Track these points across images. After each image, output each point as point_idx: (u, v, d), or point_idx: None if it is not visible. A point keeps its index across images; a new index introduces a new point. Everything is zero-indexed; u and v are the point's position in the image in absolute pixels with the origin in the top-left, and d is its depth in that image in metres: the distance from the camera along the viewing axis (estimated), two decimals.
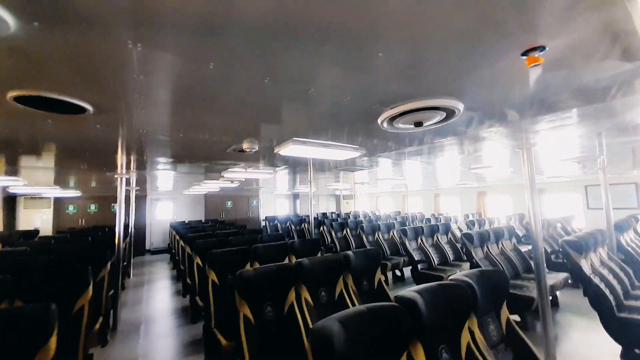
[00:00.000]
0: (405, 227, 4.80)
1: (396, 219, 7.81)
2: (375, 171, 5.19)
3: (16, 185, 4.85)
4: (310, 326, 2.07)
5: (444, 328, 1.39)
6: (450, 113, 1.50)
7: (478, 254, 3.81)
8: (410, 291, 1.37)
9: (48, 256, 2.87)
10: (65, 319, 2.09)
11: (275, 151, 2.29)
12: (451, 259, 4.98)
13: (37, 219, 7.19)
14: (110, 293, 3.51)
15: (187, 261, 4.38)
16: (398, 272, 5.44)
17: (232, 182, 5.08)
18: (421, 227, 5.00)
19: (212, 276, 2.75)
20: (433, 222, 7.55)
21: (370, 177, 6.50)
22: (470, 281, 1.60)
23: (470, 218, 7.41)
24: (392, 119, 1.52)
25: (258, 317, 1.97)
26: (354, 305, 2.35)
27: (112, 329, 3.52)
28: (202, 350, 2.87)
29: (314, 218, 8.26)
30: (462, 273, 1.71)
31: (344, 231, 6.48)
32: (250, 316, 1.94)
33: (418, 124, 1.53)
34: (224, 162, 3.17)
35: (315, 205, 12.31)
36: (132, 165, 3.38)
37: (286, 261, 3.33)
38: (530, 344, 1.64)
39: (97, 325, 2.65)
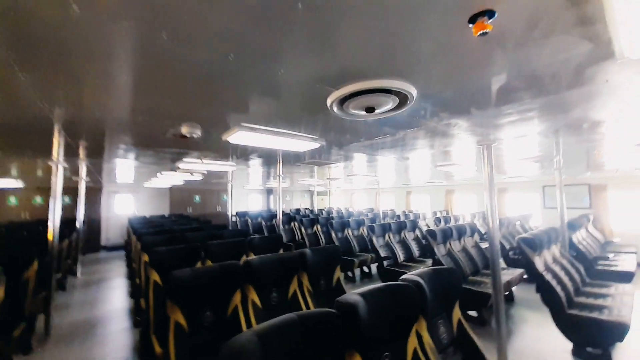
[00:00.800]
0: (373, 224, 4.74)
1: (367, 216, 7.81)
2: (347, 166, 5.08)
3: None
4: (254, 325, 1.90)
5: (389, 334, 1.27)
6: (403, 99, 1.37)
7: (441, 251, 3.82)
8: (353, 294, 1.23)
9: None
10: None
11: (223, 138, 2.06)
12: (416, 255, 5.01)
13: None
14: (42, 295, 3.11)
15: (138, 259, 4.02)
16: (366, 269, 5.40)
17: (191, 174, 4.73)
18: (389, 223, 4.98)
19: (154, 276, 2.46)
20: (402, 219, 7.64)
21: (345, 173, 6.40)
22: (421, 281, 1.50)
23: (438, 215, 7.57)
24: (342, 102, 1.36)
25: (193, 324, 1.75)
26: (307, 306, 2.20)
27: (45, 334, 3.11)
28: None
29: (286, 214, 8.05)
30: (414, 272, 1.61)
31: (314, 227, 6.35)
32: (183, 323, 1.71)
33: (370, 109, 1.39)
34: (171, 151, 2.87)
35: (289, 201, 12.09)
36: (76, 151, 2.97)
37: (244, 259, 3.12)
38: (480, 345, 1.57)
39: (18, 332, 2.29)
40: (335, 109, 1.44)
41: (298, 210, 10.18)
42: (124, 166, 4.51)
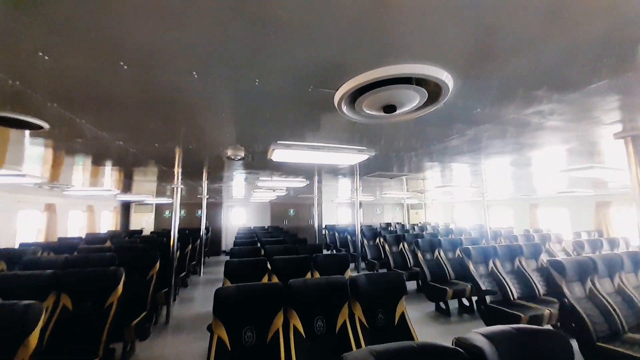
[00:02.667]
0: (469, 247, 3.84)
1: (470, 234, 6.50)
2: (444, 176, 4.37)
3: (120, 194, 6.14)
4: (294, 358, 1.75)
5: None
6: (434, 91, 1.01)
7: (575, 292, 2.67)
8: (475, 333, 1.00)
9: (111, 255, 3.40)
10: (96, 314, 2.37)
11: (268, 157, 2.10)
12: (540, 292, 3.72)
13: (144, 221, 9.03)
14: (164, 291, 3.95)
15: None
16: (466, 302, 4.41)
17: (274, 190, 5.14)
18: (493, 247, 3.93)
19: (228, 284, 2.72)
20: (522, 240, 5.94)
21: (440, 184, 5.54)
22: (486, 349, 1.01)
23: (583, 237, 5.52)
24: (352, 101, 1.12)
25: (235, 342, 1.77)
26: (357, 342, 1.89)
27: (165, 322, 3.93)
28: None
29: (373, 229, 7.67)
30: (481, 331, 1.12)
31: (399, 245, 5.75)
32: (225, 340, 1.76)
33: (389, 108, 1.08)
34: (244, 171, 3.17)
35: (379, 215, 11.54)
36: (177, 176, 3.74)
37: (308, 276, 3.07)
38: None
39: (136, 321, 2.95)
40: (346, 110, 1.20)
41: (388, 224, 9.56)
42: (228, 185, 5.38)
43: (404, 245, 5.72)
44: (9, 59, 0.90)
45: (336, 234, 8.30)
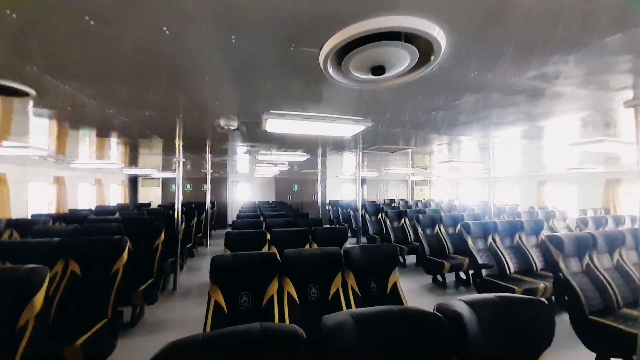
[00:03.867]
0: (469, 223, 3.84)
1: (473, 211, 6.48)
2: (451, 150, 4.25)
3: (127, 167, 6.24)
4: (287, 321, 1.84)
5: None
6: (426, 49, 0.94)
7: (571, 267, 2.68)
8: (458, 300, 1.03)
9: (117, 225, 3.51)
10: (103, 279, 2.49)
11: (262, 128, 2.05)
12: (538, 267, 3.75)
13: (151, 195, 9.25)
14: (170, 260, 4.12)
15: None
16: (463, 275, 4.49)
17: (275, 164, 5.14)
18: (493, 222, 3.92)
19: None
20: (524, 217, 5.90)
21: (445, 159, 5.40)
22: (465, 314, 1.03)
23: (589, 214, 5.45)
24: (339, 62, 1.05)
25: (232, 306, 1.86)
26: (349, 308, 1.96)
27: (173, 289, 4.14)
28: None
29: (375, 205, 7.71)
30: (464, 298, 1.13)
31: (401, 221, 5.79)
32: (222, 304, 1.84)
33: (378, 70, 1.02)
34: (240, 144, 3.14)
35: (383, 191, 11.54)
36: (178, 149, 3.74)
37: (307, 248, 3.14)
38: None
39: (143, 286, 3.11)
40: (335, 76, 1.14)
41: (392, 201, 9.58)
42: (232, 160, 5.38)
43: (405, 221, 5.76)
44: None
45: (339, 210, 8.38)
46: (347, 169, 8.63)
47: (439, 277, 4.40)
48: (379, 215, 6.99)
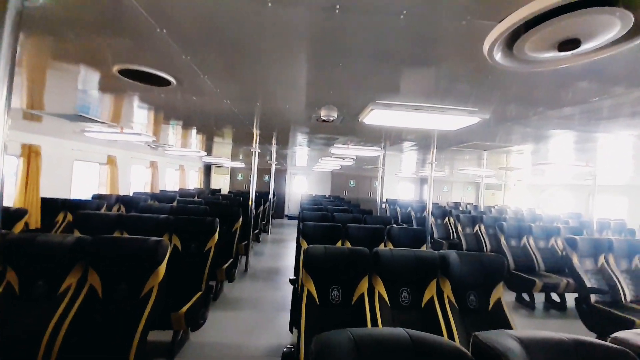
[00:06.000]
0: (576, 238, 3.24)
1: (568, 224, 5.53)
2: (537, 151, 3.69)
3: (206, 156, 6.88)
4: (380, 324, 1.74)
5: None
6: None
7: None
8: (509, 336, 0.77)
9: (204, 207, 3.86)
10: (198, 255, 2.74)
11: (359, 120, 1.97)
12: None
13: (221, 181, 10.13)
14: (244, 243, 4.40)
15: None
16: (556, 297, 3.86)
17: (343, 159, 5.07)
18: (609, 239, 3.25)
19: (304, 244, 2.85)
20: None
21: (533, 161, 4.69)
22: None
23: None
24: (513, 40, 0.88)
25: (323, 299, 1.84)
26: (447, 320, 1.78)
27: (244, 270, 4.43)
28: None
29: (440, 207, 7.16)
30: None
31: (475, 227, 5.23)
32: (314, 294, 1.83)
33: (569, 44, 0.82)
34: (322, 136, 3.13)
35: (446, 193, 10.67)
36: (255, 139, 3.92)
37: (381, 247, 3.01)
38: None
39: (226, 265, 3.36)
40: (499, 56, 0.97)
41: (457, 204, 8.80)
42: (296, 152, 5.52)
43: (480, 228, 5.19)
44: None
45: (398, 209, 8.00)
46: (407, 167, 8.16)
47: (526, 296, 3.85)
48: (445, 219, 6.47)
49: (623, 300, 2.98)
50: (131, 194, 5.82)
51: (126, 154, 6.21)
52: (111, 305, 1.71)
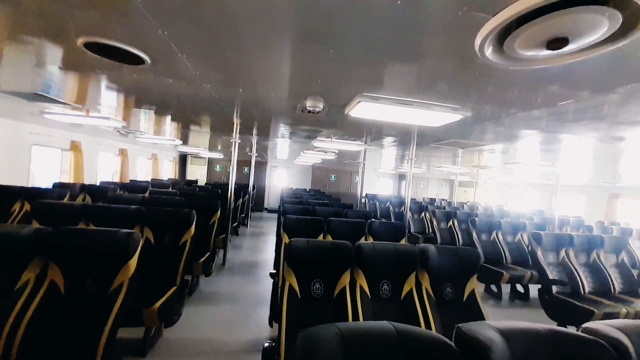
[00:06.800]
0: (541, 232, 3.47)
1: (532, 220, 5.92)
2: (508, 150, 3.90)
3: (180, 145, 6.57)
4: (360, 317, 1.76)
5: None
6: (632, 16, 0.74)
7: None
8: (489, 327, 0.79)
9: (180, 199, 3.68)
10: (173, 248, 2.61)
11: (345, 112, 1.94)
12: (617, 290, 3.31)
13: (198, 173, 9.74)
14: (222, 236, 4.27)
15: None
16: (520, 288, 4.13)
17: (325, 152, 5.05)
18: (569, 235, 3.51)
19: (285, 238, 2.80)
20: (597, 232, 5.26)
21: (504, 160, 4.95)
22: (627, 342, 0.84)
23: None
24: (503, 36, 0.89)
25: (304, 292, 1.82)
26: (425, 312, 1.83)
27: (222, 264, 4.31)
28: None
29: (417, 203, 7.39)
30: (615, 322, 0.94)
31: (449, 222, 5.46)
32: (296, 287, 1.81)
33: (557, 42, 0.84)
34: (306, 128, 3.07)
35: (422, 189, 11.04)
36: (235, 129, 3.79)
37: (362, 241, 3.04)
38: None
39: (202, 259, 3.24)
40: (489, 53, 0.97)
41: (432, 200, 9.13)
42: (278, 143, 5.42)
43: (454, 223, 5.42)
44: None
45: (377, 204, 8.16)
46: (387, 163, 8.33)
47: (494, 287, 4.09)
48: (422, 214, 6.70)
49: (582, 292, 3.24)
50: (98, 184, 5.44)
51: (93, 140, 5.77)
52: (75, 302, 1.58)
